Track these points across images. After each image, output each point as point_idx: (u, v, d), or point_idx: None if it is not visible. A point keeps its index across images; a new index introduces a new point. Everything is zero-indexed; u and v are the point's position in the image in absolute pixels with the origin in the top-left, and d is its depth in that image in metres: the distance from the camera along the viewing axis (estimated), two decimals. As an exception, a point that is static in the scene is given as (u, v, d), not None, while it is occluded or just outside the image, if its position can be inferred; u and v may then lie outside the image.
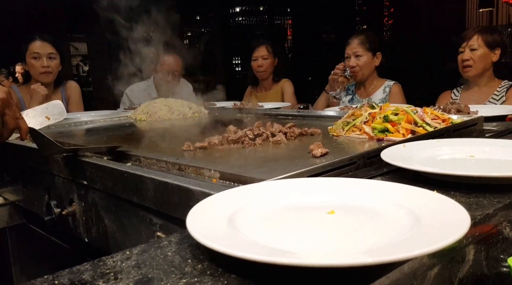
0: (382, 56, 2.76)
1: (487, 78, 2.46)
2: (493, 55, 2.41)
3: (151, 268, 0.53)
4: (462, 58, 2.44)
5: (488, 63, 2.42)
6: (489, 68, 2.43)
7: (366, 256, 0.47)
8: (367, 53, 2.72)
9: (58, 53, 2.75)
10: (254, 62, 3.29)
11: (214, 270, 0.52)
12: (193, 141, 1.22)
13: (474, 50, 2.41)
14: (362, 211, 0.67)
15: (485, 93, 2.45)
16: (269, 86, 3.35)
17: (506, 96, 2.39)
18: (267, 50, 3.27)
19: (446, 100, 2.50)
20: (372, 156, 1.01)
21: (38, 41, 2.70)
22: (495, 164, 0.94)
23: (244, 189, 0.75)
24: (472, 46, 2.41)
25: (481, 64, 2.41)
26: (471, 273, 0.68)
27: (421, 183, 0.82)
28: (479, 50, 2.40)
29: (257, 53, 3.28)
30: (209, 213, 0.64)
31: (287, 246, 0.55)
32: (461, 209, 0.59)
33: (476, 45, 2.41)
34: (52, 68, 2.72)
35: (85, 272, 0.53)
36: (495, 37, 2.41)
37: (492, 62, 2.42)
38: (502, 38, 2.45)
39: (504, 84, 2.44)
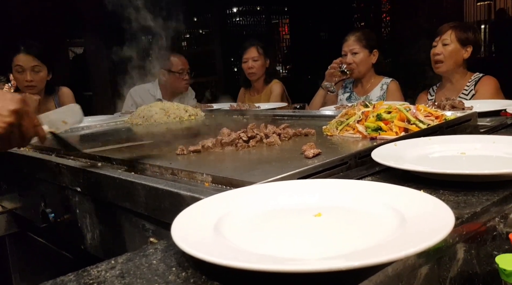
0: (379, 53, 2.76)
1: (460, 75, 2.43)
2: (465, 52, 2.39)
3: (134, 277, 0.53)
4: (434, 52, 2.44)
5: (459, 60, 2.40)
6: (460, 65, 2.41)
7: (347, 261, 0.47)
8: (364, 50, 2.71)
9: (44, 64, 2.68)
10: (245, 64, 3.25)
11: (197, 278, 0.52)
12: (187, 145, 1.22)
13: (446, 45, 2.40)
14: (349, 213, 0.67)
15: (456, 89, 2.43)
16: (261, 88, 3.32)
17: (475, 90, 2.36)
18: (257, 52, 3.23)
19: (424, 101, 2.50)
20: (364, 155, 1.01)
21: (21, 54, 2.65)
22: (486, 161, 0.93)
23: (232, 193, 0.75)
24: (445, 41, 2.40)
25: (451, 59, 2.39)
26: (462, 272, 0.68)
27: (411, 182, 0.82)
28: (450, 45, 2.39)
29: (248, 55, 3.23)
30: (195, 219, 0.64)
31: (271, 251, 0.55)
32: (446, 209, 0.59)
33: (448, 40, 2.40)
34: (36, 82, 2.68)
35: (69, 283, 0.53)
36: (469, 35, 2.40)
37: (464, 59, 2.41)
38: (475, 37, 2.42)
39: (473, 77, 2.41)
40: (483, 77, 2.39)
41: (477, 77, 2.41)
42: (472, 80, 2.41)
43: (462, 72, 2.44)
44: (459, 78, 2.44)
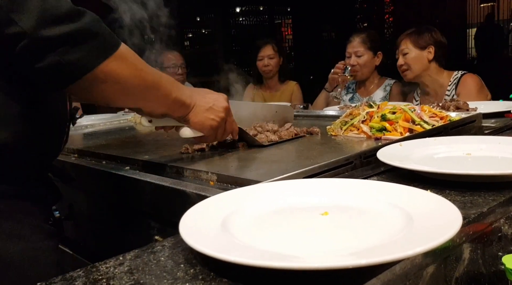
0: (382, 55, 2.75)
1: (432, 77, 2.42)
2: (427, 54, 2.38)
3: (143, 274, 0.53)
4: (397, 65, 2.45)
5: (424, 63, 2.38)
6: (427, 67, 2.40)
7: (354, 258, 0.47)
8: (368, 52, 2.70)
9: None
10: (260, 61, 3.27)
11: (206, 275, 0.52)
12: (192, 144, 1.22)
13: (406, 54, 2.40)
14: (356, 212, 0.67)
15: (439, 93, 2.41)
16: (275, 86, 3.34)
17: (457, 92, 2.33)
18: (273, 49, 3.25)
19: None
20: (369, 155, 1.01)
21: None
22: (492, 162, 0.93)
23: (239, 191, 0.76)
24: (403, 51, 2.41)
25: (416, 65, 2.38)
26: (468, 272, 0.68)
27: (417, 182, 0.82)
28: (410, 53, 2.38)
29: (263, 53, 3.25)
30: (202, 216, 0.64)
31: (279, 249, 0.55)
32: (454, 208, 0.59)
33: (406, 49, 2.40)
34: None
35: (78, 278, 0.53)
36: (425, 37, 2.39)
37: (429, 60, 2.40)
38: (433, 36, 2.40)
39: (453, 79, 2.39)
40: (462, 77, 2.36)
41: (456, 77, 2.37)
42: (452, 83, 2.38)
43: (435, 72, 2.41)
44: (435, 78, 2.42)
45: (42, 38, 0.72)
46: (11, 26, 0.70)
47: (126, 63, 0.84)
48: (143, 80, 0.89)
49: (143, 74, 0.89)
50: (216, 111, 1.04)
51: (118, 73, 0.83)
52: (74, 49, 0.75)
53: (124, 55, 0.84)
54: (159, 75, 0.94)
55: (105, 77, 0.81)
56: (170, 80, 0.98)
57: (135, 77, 0.87)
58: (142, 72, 0.88)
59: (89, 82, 0.80)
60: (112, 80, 0.83)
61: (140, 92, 0.90)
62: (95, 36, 0.78)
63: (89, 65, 0.78)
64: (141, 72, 0.88)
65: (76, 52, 0.76)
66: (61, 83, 0.80)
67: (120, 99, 0.91)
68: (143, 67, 0.89)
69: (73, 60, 0.76)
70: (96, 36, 0.78)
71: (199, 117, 1.02)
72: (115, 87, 0.85)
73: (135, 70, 0.87)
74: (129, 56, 0.86)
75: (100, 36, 0.79)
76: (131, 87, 0.87)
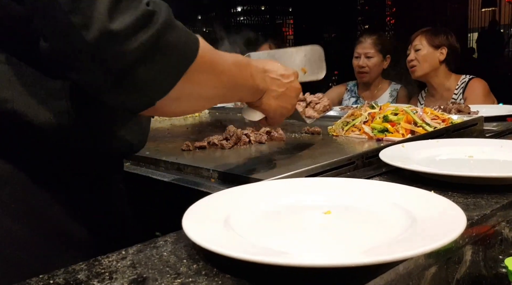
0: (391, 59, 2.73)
1: (440, 79, 2.41)
2: (440, 54, 2.37)
3: (146, 268, 0.53)
4: (407, 59, 2.44)
5: (434, 62, 2.38)
6: (437, 67, 2.40)
7: (360, 257, 0.47)
8: (378, 54, 2.67)
9: None
10: None
11: (209, 270, 0.52)
12: (193, 141, 1.22)
13: (418, 50, 2.40)
14: (359, 211, 0.67)
15: (444, 97, 2.41)
16: None
17: (464, 97, 2.33)
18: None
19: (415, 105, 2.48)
20: (371, 156, 1.01)
21: None
22: (494, 164, 0.93)
23: (241, 189, 0.75)
24: (416, 47, 2.40)
25: (426, 63, 2.38)
26: (469, 274, 0.68)
27: (419, 183, 0.82)
28: (422, 50, 2.37)
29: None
30: (205, 212, 0.64)
31: (282, 246, 0.55)
32: (458, 209, 0.59)
33: (419, 45, 2.39)
34: None
35: (80, 271, 0.53)
36: (440, 38, 2.38)
37: (440, 61, 2.39)
38: (448, 38, 2.40)
39: (460, 83, 2.38)
40: (471, 81, 2.36)
41: (464, 81, 2.37)
42: (459, 86, 2.38)
43: (443, 75, 2.41)
44: (442, 81, 2.42)
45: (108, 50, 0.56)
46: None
47: (206, 72, 0.68)
48: (222, 87, 0.74)
49: (223, 78, 0.73)
50: (289, 98, 0.91)
51: (195, 88, 0.67)
52: (148, 65, 0.58)
53: (204, 60, 0.66)
54: (236, 69, 0.77)
55: (179, 95, 0.65)
56: (243, 65, 0.80)
57: (214, 87, 0.72)
58: (222, 77, 0.72)
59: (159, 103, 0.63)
60: (187, 97, 0.68)
61: (217, 98, 0.77)
62: (173, 44, 0.60)
63: (165, 84, 0.62)
64: (221, 77, 0.72)
65: (151, 70, 0.59)
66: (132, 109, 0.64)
67: (198, 108, 0.80)
68: (223, 67, 0.72)
69: (148, 81, 0.60)
70: (174, 44, 0.60)
71: (270, 104, 0.89)
72: (188, 104, 0.71)
73: (215, 76, 0.71)
74: (208, 59, 0.68)
75: (178, 41, 0.61)
76: (208, 98, 0.73)
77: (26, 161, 0.68)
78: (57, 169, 0.71)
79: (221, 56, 0.72)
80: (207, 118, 2.14)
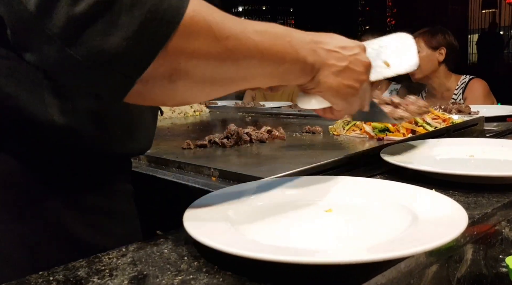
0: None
1: (440, 79, 2.41)
2: (439, 55, 2.37)
3: (146, 265, 0.53)
4: None
5: (434, 64, 2.38)
6: (436, 68, 2.39)
7: (361, 254, 0.47)
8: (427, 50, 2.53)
9: None
10: None
11: (210, 267, 0.52)
12: (193, 140, 1.22)
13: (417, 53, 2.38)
14: (360, 209, 0.66)
15: (445, 97, 2.40)
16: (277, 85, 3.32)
17: (464, 97, 2.33)
18: None
19: None
20: (372, 154, 1.01)
21: None
22: (495, 164, 0.93)
23: (242, 186, 0.75)
24: None
25: (426, 65, 2.37)
26: (469, 273, 0.68)
27: (420, 182, 0.82)
28: (421, 52, 2.36)
29: None
30: (206, 210, 0.64)
31: (284, 243, 0.55)
32: (459, 208, 0.59)
33: (418, 48, 2.37)
34: None
35: (80, 268, 0.53)
36: (438, 38, 2.37)
37: (439, 61, 2.39)
38: (446, 38, 2.39)
39: (460, 83, 2.38)
40: (471, 82, 2.36)
41: (464, 82, 2.37)
42: (459, 87, 2.38)
43: (443, 75, 2.41)
44: (443, 81, 2.41)
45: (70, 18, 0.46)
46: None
47: (203, 39, 0.52)
48: (234, 62, 0.56)
49: (235, 43, 0.54)
50: (354, 73, 0.70)
51: (191, 63, 0.52)
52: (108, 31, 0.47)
53: (197, 22, 0.51)
54: (260, 37, 0.58)
55: (170, 73, 0.52)
56: (275, 33, 0.60)
57: (220, 63, 0.54)
58: (230, 42, 0.54)
59: (144, 84, 0.51)
60: (183, 77, 0.53)
61: (229, 81, 0.58)
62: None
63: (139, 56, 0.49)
64: (228, 42, 0.53)
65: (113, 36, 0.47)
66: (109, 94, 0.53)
67: (202, 95, 0.59)
68: (234, 33, 0.54)
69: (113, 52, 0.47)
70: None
71: (330, 83, 0.68)
72: (187, 87, 0.55)
73: (220, 46, 0.53)
74: (205, 21, 0.52)
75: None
76: (215, 80, 0.56)
77: (28, 160, 0.65)
78: (61, 168, 0.68)
79: (232, 21, 0.55)
80: (208, 117, 2.14)
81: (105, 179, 0.75)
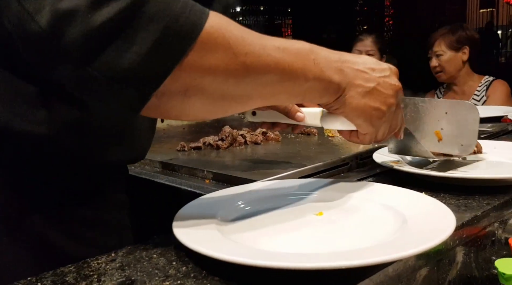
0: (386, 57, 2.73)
1: (464, 78, 2.42)
2: (462, 55, 2.37)
3: (134, 270, 0.53)
4: (431, 65, 2.43)
5: (458, 64, 2.38)
6: (461, 67, 2.40)
7: (348, 259, 0.47)
8: (377, 53, 2.64)
9: None
10: None
11: (198, 273, 0.52)
12: (188, 142, 1.22)
13: (439, 55, 2.38)
14: (350, 213, 0.67)
15: (466, 93, 2.42)
16: None
17: (487, 95, 2.34)
18: None
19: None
20: (365, 157, 1.01)
21: None
22: (487, 166, 0.93)
23: (233, 190, 0.75)
24: (437, 52, 2.38)
25: (451, 67, 2.38)
26: (460, 275, 0.68)
27: (412, 185, 0.82)
28: (444, 55, 2.36)
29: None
30: (196, 214, 0.64)
31: (272, 248, 0.55)
32: (448, 211, 0.59)
33: (440, 51, 2.37)
34: None
35: (68, 274, 0.53)
36: (459, 36, 2.36)
37: (463, 61, 2.39)
38: (467, 34, 2.38)
39: (484, 81, 2.39)
40: (494, 82, 2.37)
41: (488, 81, 2.38)
42: (482, 84, 2.39)
43: (467, 73, 2.42)
44: (466, 80, 2.42)
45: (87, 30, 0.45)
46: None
47: (220, 54, 0.51)
48: (254, 71, 0.54)
49: (253, 59, 0.53)
50: (382, 95, 0.66)
51: (207, 79, 0.51)
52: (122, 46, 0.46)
53: (215, 38, 0.50)
54: (282, 54, 0.56)
55: (185, 88, 0.51)
56: (297, 50, 0.60)
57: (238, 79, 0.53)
58: (249, 58, 0.53)
59: (159, 98, 0.50)
60: (199, 92, 0.52)
61: (247, 98, 0.57)
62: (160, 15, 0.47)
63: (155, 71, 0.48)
64: (246, 59, 0.52)
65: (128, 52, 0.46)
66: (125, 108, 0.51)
67: (219, 111, 0.57)
68: (253, 50, 0.53)
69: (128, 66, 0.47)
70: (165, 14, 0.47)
71: (354, 104, 0.65)
72: (204, 103, 0.54)
73: (237, 61, 0.52)
74: (223, 36, 0.51)
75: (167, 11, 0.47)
76: (233, 96, 0.55)
77: (12, 172, 0.63)
78: (47, 180, 0.66)
79: (252, 37, 0.54)
80: (204, 119, 2.14)
81: (94, 190, 0.73)
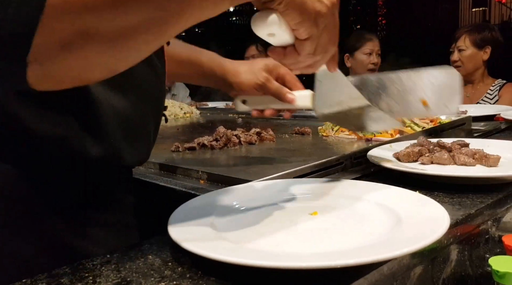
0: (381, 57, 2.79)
1: (480, 77, 2.47)
2: (484, 54, 2.41)
3: (130, 271, 0.53)
4: (451, 59, 2.46)
5: (478, 63, 2.43)
6: (480, 67, 2.44)
7: (342, 258, 0.47)
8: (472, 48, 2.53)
9: None
10: None
11: (193, 273, 0.52)
12: (182, 142, 1.22)
13: (462, 51, 2.41)
14: (345, 212, 0.67)
15: (478, 91, 2.46)
16: None
17: (499, 95, 2.40)
18: (256, 49, 3.30)
19: None
20: (359, 156, 1.01)
21: None
22: (480, 164, 0.94)
23: (228, 190, 0.75)
24: (460, 47, 2.42)
25: (470, 64, 2.42)
26: (455, 273, 0.69)
27: (406, 183, 0.82)
28: (467, 51, 2.40)
29: (248, 53, 3.29)
30: (191, 214, 0.64)
31: (267, 248, 0.55)
32: (441, 209, 0.60)
33: (463, 46, 2.42)
34: None
35: (64, 275, 0.53)
36: (484, 36, 2.41)
37: (483, 60, 2.43)
38: (493, 35, 2.43)
39: (497, 83, 2.45)
40: (506, 84, 2.43)
41: (501, 82, 2.44)
42: (496, 85, 2.44)
43: (482, 73, 2.46)
44: (480, 80, 2.46)
45: None
46: None
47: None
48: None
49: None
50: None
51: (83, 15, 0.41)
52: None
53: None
54: None
55: (65, 36, 0.41)
56: None
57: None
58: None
59: (39, 64, 0.42)
60: (84, 34, 0.42)
61: (156, 12, 0.45)
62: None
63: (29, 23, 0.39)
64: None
65: None
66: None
67: (128, 53, 0.47)
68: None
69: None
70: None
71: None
72: (94, 44, 0.43)
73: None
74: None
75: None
76: (133, 18, 0.43)
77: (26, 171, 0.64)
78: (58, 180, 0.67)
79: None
80: (198, 119, 2.14)
81: (106, 191, 0.74)
